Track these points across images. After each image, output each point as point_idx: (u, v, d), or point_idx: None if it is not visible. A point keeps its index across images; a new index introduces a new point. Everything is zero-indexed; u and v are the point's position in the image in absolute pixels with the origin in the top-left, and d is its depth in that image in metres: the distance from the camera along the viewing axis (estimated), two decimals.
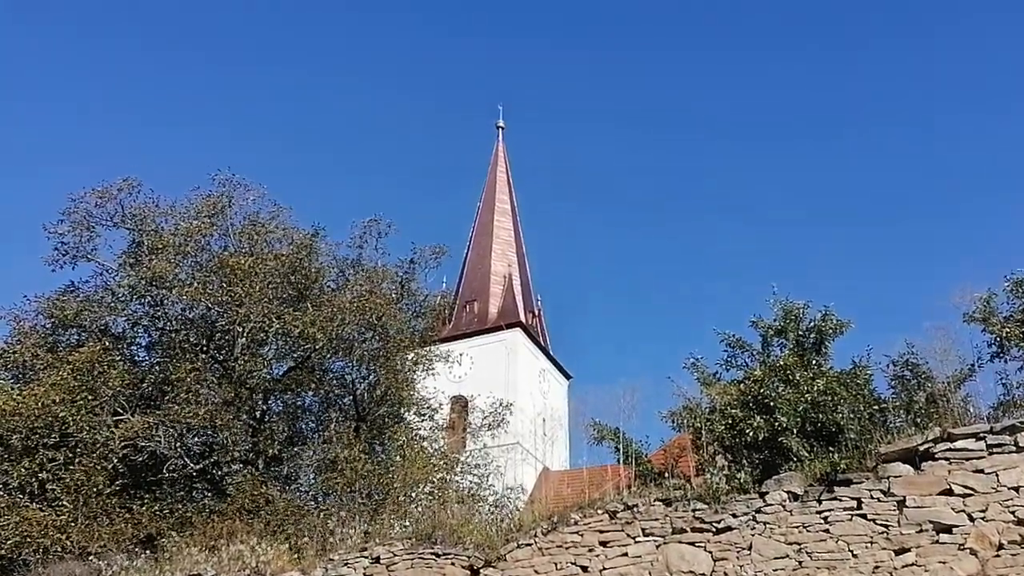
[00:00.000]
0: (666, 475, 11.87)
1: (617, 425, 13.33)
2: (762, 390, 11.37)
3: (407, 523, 13.14)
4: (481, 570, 10.66)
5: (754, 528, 9.65)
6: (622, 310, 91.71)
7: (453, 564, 10.80)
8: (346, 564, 11.26)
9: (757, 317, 12.74)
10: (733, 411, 11.34)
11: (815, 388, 10.81)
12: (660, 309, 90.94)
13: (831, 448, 10.09)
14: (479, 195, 48.02)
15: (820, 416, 10.66)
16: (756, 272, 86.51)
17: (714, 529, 9.81)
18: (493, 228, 45.81)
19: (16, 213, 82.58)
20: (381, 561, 11.10)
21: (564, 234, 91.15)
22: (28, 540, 13.94)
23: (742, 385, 11.97)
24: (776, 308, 12.56)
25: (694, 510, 10.02)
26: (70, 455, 15.25)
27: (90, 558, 13.23)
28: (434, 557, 10.94)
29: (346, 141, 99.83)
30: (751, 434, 10.81)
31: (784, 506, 9.62)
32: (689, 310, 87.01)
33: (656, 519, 10.14)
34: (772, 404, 10.94)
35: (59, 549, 13.89)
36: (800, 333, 12.04)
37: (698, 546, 9.82)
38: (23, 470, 14.98)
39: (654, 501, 10.31)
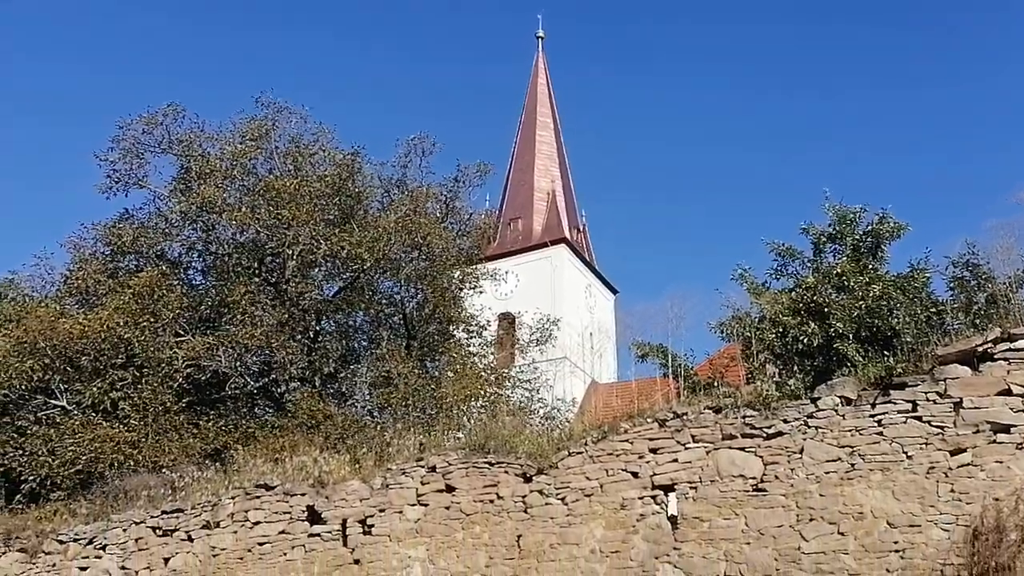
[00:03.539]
0: (715, 385, 11.93)
1: (662, 341, 13.37)
2: (815, 297, 11.24)
3: (460, 435, 13.47)
4: (534, 477, 10.93)
5: (805, 433, 9.66)
6: (669, 223, 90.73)
7: (507, 472, 11.09)
8: (403, 473, 11.65)
9: (808, 223, 12.51)
10: (784, 319, 11.25)
11: (871, 293, 10.64)
12: (707, 221, 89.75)
13: (886, 353, 9.99)
14: (520, 110, 47.22)
15: (875, 321, 10.53)
16: (807, 178, 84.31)
17: (765, 435, 9.85)
18: (535, 143, 45.12)
19: (67, 143, 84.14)
20: (437, 470, 11.45)
21: (608, 146, 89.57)
22: (103, 455, 14.66)
23: (793, 293, 11.86)
24: (829, 213, 12.29)
25: (744, 417, 10.05)
26: (137, 375, 15.91)
27: (162, 471, 13.95)
28: (488, 465, 11.24)
29: (383, 59, 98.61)
30: (804, 341, 10.74)
31: (837, 411, 9.59)
32: (736, 222, 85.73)
33: (706, 426, 10.21)
34: (826, 311, 10.83)
35: (132, 463, 14.61)
36: (856, 238, 11.78)
37: (748, 451, 9.88)
38: (95, 390, 15.69)
39: (704, 409, 10.35)
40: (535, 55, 48.62)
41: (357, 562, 11.42)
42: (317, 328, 18.72)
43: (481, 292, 20.99)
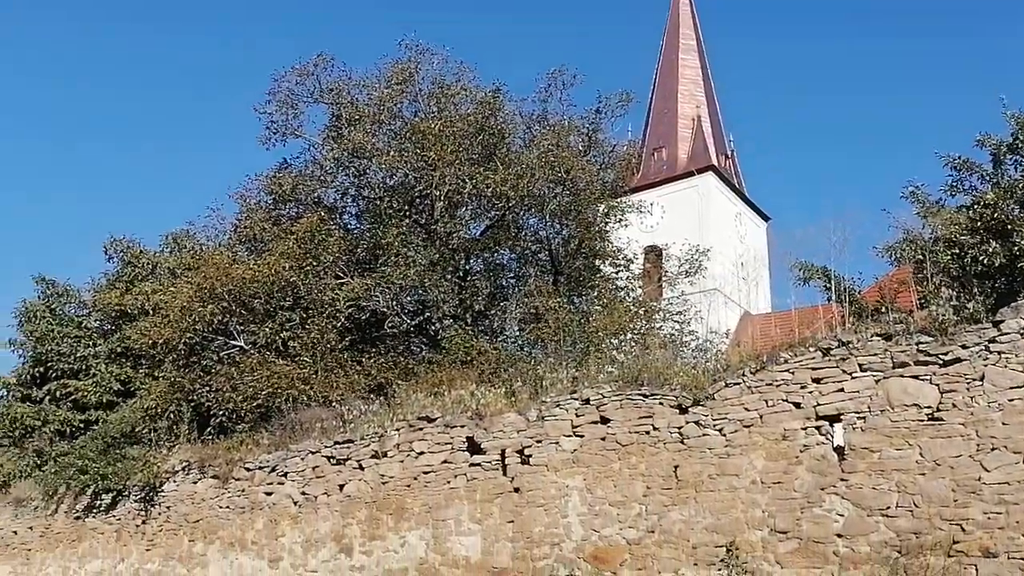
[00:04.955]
0: (883, 311, 11.28)
1: (825, 263, 12.75)
2: (996, 214, 10.33)
3: (612, 368, 13.49)
4: (689, 408, 10.81)
5: (987, 359, 8.98)
6: (826, 143, 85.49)
7: (661, 404, 11.04)
8: (558, 405, 11.84)
9: (985, 134, 11.46)
10: (962, 239, 10.43)
11: None
12: (870, 137, 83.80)
13: None
14: (662, 33, 45.45)
15: None
16: (977, 88, 76.78)
17: (941, 361, 9.23)
18: (678, 68, 43.37)
19: (229, 101, 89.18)
20: (591, 402, 11.56)
21: (757, 66, 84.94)
22: (279, 391, 15.77)
23: (971, 211, 10.97)
24: (1010, 122, 11.19)
25: (917, 343, 9.44)
26: (304, 316, 16.93)
27: (332, 405, 14.90)
28: (642, 397, 11.22)
29: None
30: (984, 261, 9.93)
31: (1022, 335, 8.84)
32: (903, 138, 79.59)
33: (874, 354, 9.69)
34: (1009, 228, 9.93)
35: (305, 398, 15.65)
36: None
37: (922, 379, 9.31)
38: (267, 330, 16.84)
39: (872, 336, 9.82)
40: None
41: (517, 491, 11.82)
42: (466, 267, 19.15)
43: (627, 225, 20.66)
